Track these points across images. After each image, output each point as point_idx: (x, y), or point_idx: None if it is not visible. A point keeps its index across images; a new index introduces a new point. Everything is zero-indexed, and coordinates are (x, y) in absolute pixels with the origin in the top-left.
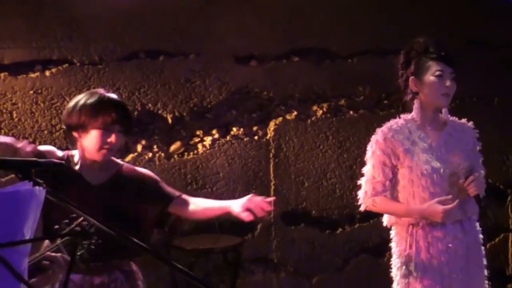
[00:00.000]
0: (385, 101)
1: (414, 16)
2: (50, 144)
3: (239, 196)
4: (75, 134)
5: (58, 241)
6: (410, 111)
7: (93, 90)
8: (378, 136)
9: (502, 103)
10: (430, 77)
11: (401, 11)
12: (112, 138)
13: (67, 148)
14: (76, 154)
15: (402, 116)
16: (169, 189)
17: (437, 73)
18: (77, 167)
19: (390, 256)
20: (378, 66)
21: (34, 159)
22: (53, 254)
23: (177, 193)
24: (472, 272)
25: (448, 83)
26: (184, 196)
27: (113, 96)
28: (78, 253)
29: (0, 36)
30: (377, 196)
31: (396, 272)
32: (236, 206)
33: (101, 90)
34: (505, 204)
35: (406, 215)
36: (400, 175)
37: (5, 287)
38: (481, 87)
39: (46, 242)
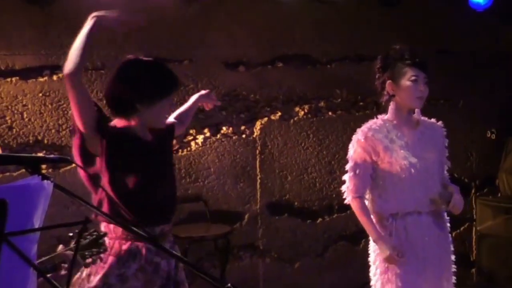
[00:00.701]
0: (361, 103)
1: (386, 26)
2: (56, 142)
3: (229, 189)
4: (138, 106)
5: (72, 244)
6: (385, 111)
7: (136, 59)
8: (359, 136)
9: (466, 105)
10: (406, 82)
11: (375, 22)
12: (170, 105)
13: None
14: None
15: (380, 116)
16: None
17: (413, 78)
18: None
19: (366, 243)
20: (354, 71)
21: (42, 155)
22: (69, 253)
23: (168, 119)
24: (441, 257)
25: (422, 87)
26: (172, 119)
27: (165, 65)
28: (88, 260)
29: (13, 45)
30: (358, 197)
31: (375, 257)
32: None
33: (143, 58)
34: (470, 196)
35: (367, 229)
36: (380, 170)
37: (16, 271)
38: (448, 91)
39: (60, 246)
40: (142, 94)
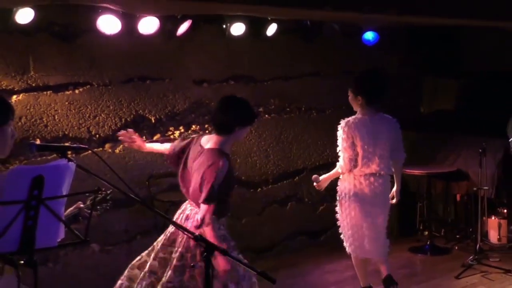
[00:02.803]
0: (288, 109)
1: (306, 56)
2: (77, 135)
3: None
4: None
5: (88, 201)
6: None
7: (234, 96)
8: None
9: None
10: None
11: (298, 52)
12: None
13: (90, 138)
14: None
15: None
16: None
17: None
18: None
19: (291, 206)
20: (283, 87)
21: (68, 145)
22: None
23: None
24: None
25: None
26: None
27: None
28: (98, 211)
29: (47, 68)
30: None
31: (343, 198)
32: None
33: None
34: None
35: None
36: None
37: (50, 226)
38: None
39: (79, 203)
40: (243, 119)
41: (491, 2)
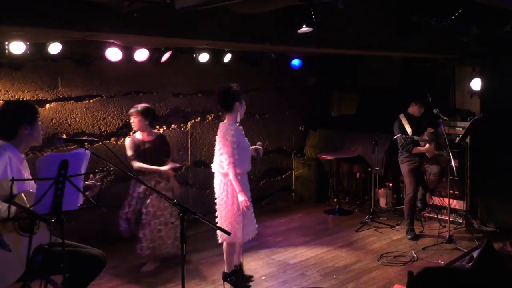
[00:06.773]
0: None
1: (252, 76)
2: (92, 132)
3: (177, 155)
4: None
5: (97, 176)
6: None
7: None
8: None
9: (289, 113)
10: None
11: (247, 74)
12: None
13: (100, 134)
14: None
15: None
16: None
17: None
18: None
19: None
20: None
21: (85, 138)
22: (94, 182)
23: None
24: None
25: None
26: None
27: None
28: (104, 183)
29: (71, 85)
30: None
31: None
32: None
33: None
34: (291, 158)
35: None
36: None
37: (72, 195)
38: (280, 106)
39: (91, 176)
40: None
41: (375, 38)
